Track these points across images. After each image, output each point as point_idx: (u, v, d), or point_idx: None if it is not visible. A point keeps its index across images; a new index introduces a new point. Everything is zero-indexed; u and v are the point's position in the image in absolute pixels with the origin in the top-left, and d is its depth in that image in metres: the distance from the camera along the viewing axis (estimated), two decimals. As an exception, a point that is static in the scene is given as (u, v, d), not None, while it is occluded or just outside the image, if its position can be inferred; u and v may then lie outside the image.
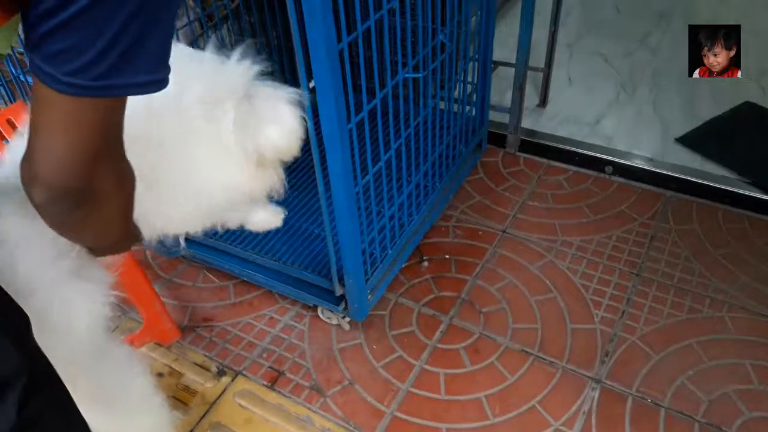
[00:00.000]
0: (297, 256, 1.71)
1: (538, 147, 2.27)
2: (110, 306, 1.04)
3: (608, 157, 2.18)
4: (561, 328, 1.70)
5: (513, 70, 2.11)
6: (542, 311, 1.74)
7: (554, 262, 1.87)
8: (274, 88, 1.17)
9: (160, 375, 1.69)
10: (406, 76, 1.42)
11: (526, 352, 1.65)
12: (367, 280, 1.58)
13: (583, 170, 2.19)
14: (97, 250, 0.96)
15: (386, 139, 1.49)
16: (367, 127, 1.36)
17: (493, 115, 2.28)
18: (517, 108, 2.16)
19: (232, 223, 1.52)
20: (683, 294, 1.76)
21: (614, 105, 2.45)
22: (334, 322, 1.73)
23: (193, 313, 1.83)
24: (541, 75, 2.38)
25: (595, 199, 2.07)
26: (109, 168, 0.74)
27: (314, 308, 1.77)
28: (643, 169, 2.12)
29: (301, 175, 1.98)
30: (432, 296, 1.80)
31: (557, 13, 2.20)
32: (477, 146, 2.15)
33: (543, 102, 2.45)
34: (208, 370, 1.68)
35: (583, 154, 2.21)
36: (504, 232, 1.98)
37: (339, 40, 1.13)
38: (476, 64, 1.97)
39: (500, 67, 2.38)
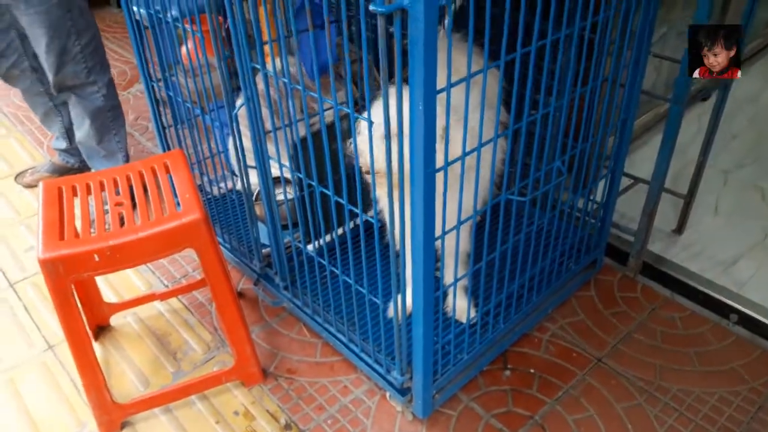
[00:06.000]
0: (378, 335, 1.75)
1: (660, 275, 2.15)
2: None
3: (735, 305, 2.01)
4: (630, 481, 1.59)
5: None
6: (615, 457, 1.64)
7: (643, 406, 1.76)
8: None
9: (235, 413, 1.82)
10: (509, 198, 1.44)
11: (585, 496, 1.56)
12: (435, 381, 1.59)
13: (704, 312, 2.03)
14: None
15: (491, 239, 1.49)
16: (458, 237, 1.40)
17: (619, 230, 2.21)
18: (642, 233, 2.07)
19: None
20: (782, 482, 1.57)
21: (758, 248, 2.25)
22: (399, 409, 1.76)
23: (280, 362, 1.94)
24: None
25: (707, 348, 1.92)
26: None
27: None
28: (773, 327, 1.93)
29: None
30: (505, 409, 1.77)
31: (708, 143, 2.10)
32: (591, 264, 2.09)
33: (679, 229, 2.32)
34: (277, 420, 1.78)
35: (708, 295, 2.06)
36: (599, 360, 1.89)
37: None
38: (606, 181, 1.93)
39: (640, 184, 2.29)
